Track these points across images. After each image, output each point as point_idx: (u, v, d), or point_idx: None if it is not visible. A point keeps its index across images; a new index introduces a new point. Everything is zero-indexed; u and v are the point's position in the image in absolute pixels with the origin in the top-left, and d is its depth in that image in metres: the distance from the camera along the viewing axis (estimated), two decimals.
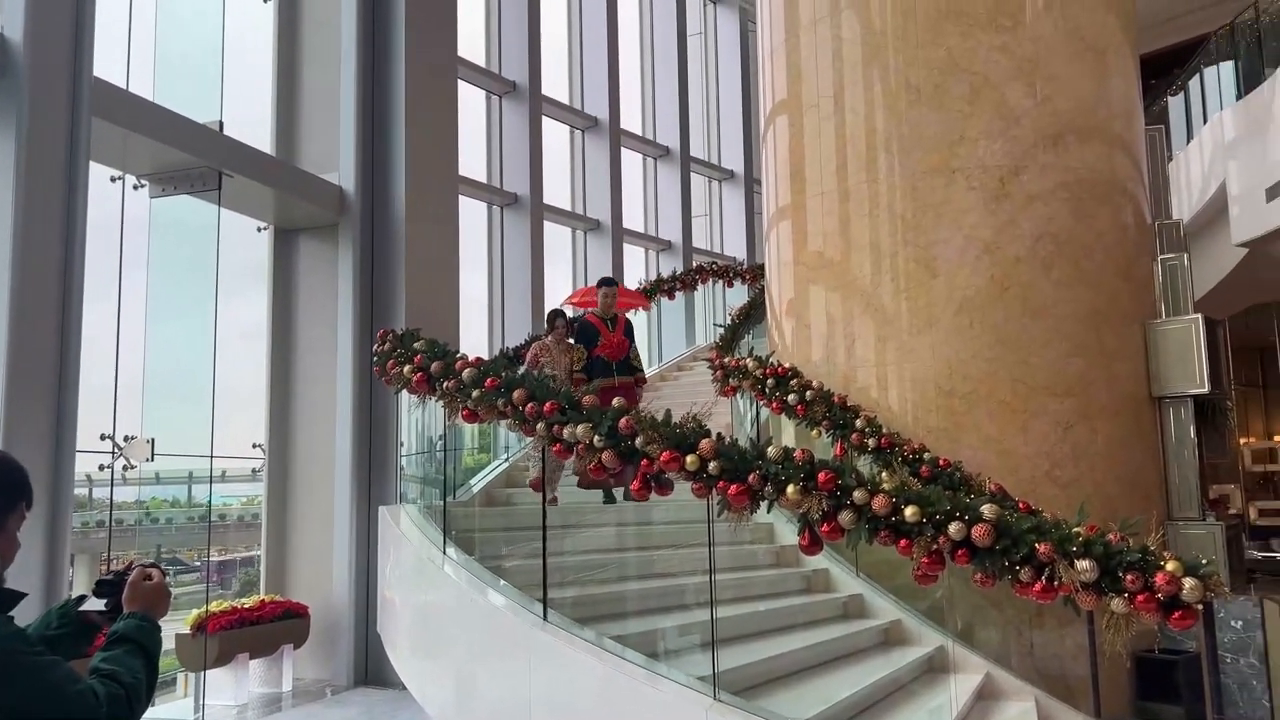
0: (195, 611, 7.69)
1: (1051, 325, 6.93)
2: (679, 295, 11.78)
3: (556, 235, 12.09)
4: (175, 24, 8.68)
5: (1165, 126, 13.37)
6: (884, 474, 4.91)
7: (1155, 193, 7.94)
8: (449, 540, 5.67)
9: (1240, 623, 6.44)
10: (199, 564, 8.98)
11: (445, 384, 5.05)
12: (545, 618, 4.66)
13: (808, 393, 7.08)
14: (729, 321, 10.24)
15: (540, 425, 4.55)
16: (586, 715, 4.41)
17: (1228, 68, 11.94)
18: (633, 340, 8.22)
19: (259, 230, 9.13)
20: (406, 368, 5.37)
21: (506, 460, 8.12)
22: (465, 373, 4.94)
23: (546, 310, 9.04)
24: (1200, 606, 3.52)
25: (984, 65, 7.15)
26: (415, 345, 5.47)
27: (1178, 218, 8.03)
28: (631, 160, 13.40)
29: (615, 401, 4.49)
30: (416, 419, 6.62)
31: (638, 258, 13.34)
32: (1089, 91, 7.31)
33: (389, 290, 8.77)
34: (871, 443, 6.61)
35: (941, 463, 6.37)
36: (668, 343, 12.43)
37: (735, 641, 5.13)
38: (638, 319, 11.39)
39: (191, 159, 7.61)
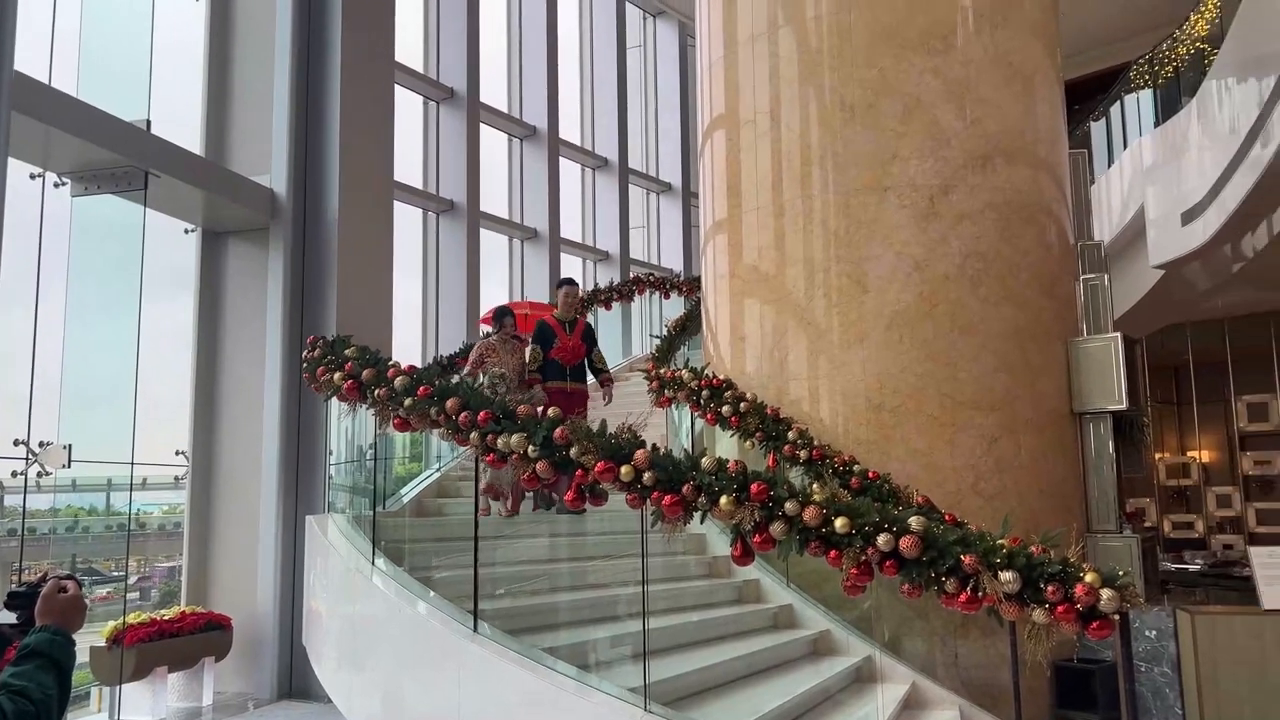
0: (112, 623, 7.44)
1: (978, 341, 7.10)
2: (616, 306, 11.79)
3: (493, 243, 12.03)
4: (101, 19, 8.45)
5: (1088, 151, 13.82)
6: (815, 486, 4.99)
7: (1078, 214, 8.19)
8: (378, 550, 5.58)
9: (1154, 632, 6.65)
10: (116, 574, 8.70)
11: (377, 392, 4.98)
12: (475, 629, 4.61)
13: (741, 405, 7.14)
14: (665, 333, 10.28)
15: (474, 435, 4.51)
16: None
17: (1147, 96, 12.40)
18: (594, 343, 8.00)
19: (186, 232, 8.92)
20: (337, 375, 5.28)
21: (438, 470, 8.02)
22: (397, 380, 4.88)
23: (484, 312, 8.96)
24: (1117, 617, 3.63)
25: (916, 86, 7.31)
26: (346, 352, 5.38)
27: (1099, 239, 8.27)
28: (570, 170, 13.41)
29: (550, 411, 4.48)
30: (346, 427, 6.51)
31: (575, 267, 13.32)
32: (1016, 115, 7.52)
33: (320, 296, 8.62)
34: (803, 455, 6.70)
35: (871, 475, 6.47)
36: (605, 353, 12.43)
37: (667, 653, 5.14)
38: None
39: (116, 157, 7.40)
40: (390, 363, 5.16)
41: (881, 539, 3.80)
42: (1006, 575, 3.66)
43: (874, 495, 6.24)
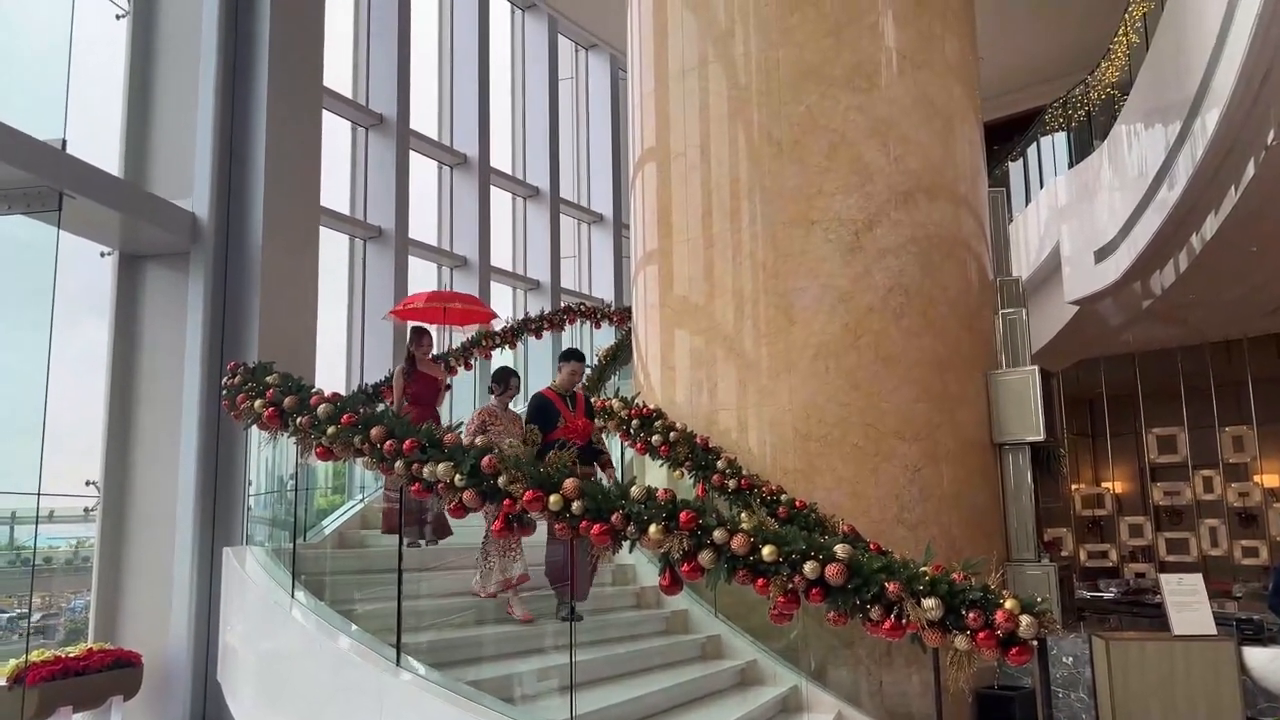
0: (14, 662, 7.09)
1: (901, 372, 7.25)
2: (546, 335, 11.73)
3: (421, 271, 11.90)
4: (15, 34, 8.20)
5: (1007, 189, 14.28)
6: (744, 514, 5.02)
7: (997, 250, 8.45)
8: (298, 583, 5.44)
9: (1071, 659, 6.81)
10: (20, 611, 8.30)
11: (299, 420, 4.87)
12: (398, 662, 4.50)
13: (671, 434, 7.17)
14: (596, 362, 10.27)
15: (399, 464, 4.43)
16: None
17: (1062, 138, 12.88)
18: (594, 418, 6.87)
19: (103, 255, 8.65)
20: (258, 402, 5.16)
21: (361, 501, 7.86)
22: (320, 408, 4.78)
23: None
24: (1035, 643, 3.70)
25: (842, 123, 7.49)
26: (268, 379, 5.26)
27: (1017, 275, 8.54)
28: (501, 199, 13.36)
29: (479, 440, 4.43)
30: (266, 457, 6.35)
31: (506, 296, 13.25)
32: (938, 153, 7.75)
33: (242, 322, 8.43)
34: (732, 484, 6.74)
35: (798, 504, 6.53)
36: (534, 382, 12.35)
37: (595, 685, 5.08)
38: (504, 359, 11.31)
39: (29, 177, 7.15)
40: (313, 390, 5.06)
41: (808, 567, 3.82)
42: (929, 602, 3.71)
43: (801, 524, 6.30)
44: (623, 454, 7.97)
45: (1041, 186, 13.12)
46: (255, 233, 8.56)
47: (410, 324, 8.50)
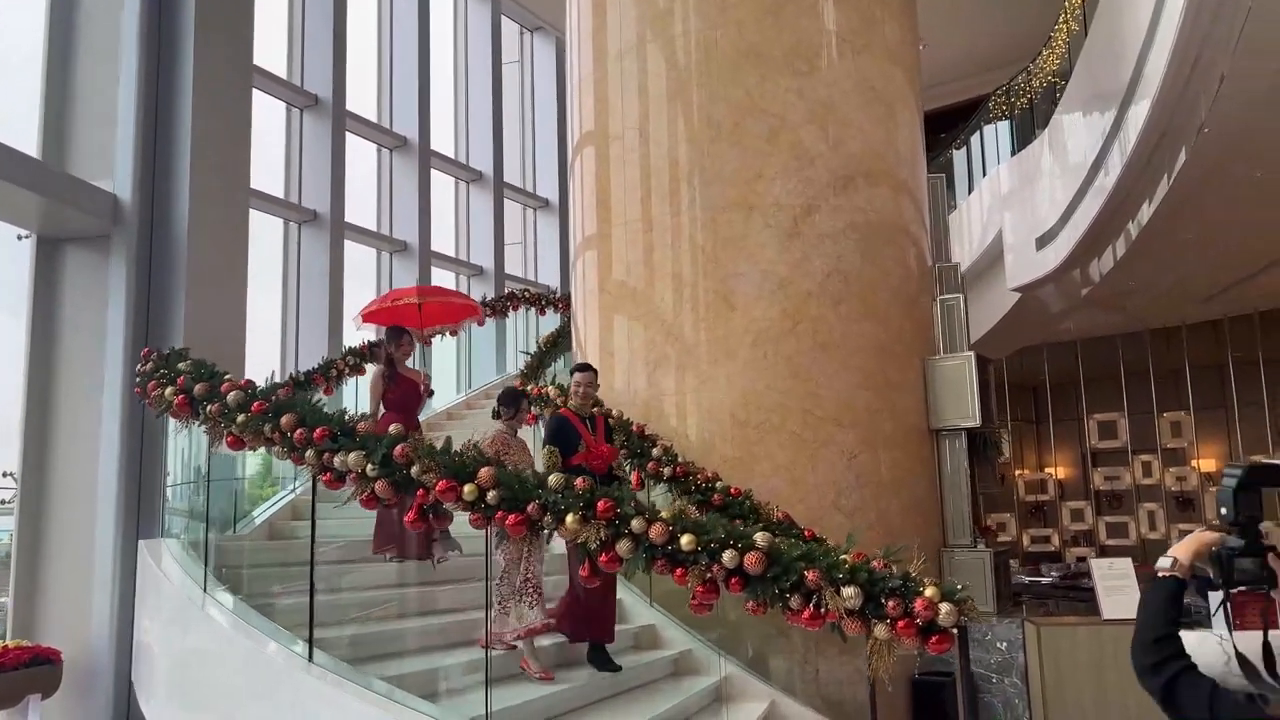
0: None
1: (840, 359, 7.20)
2: (490, 322, 11.57)
3: (360, 256, 11.64)
4: None
5: (950, 178, 14.36)
6: (679, 503, 4.94)
7: (936, 236, 8.43)
8: (215, 578, 5.26)
9: (1005, 644, 6.82)
10: None
11: (209, 408, 4.69)
12: (311, 659, 4.35)
13: (610, 419, 7.04)
14: (536, 349, 10.13)
15: (310, 453, 4.27)
16: None
17: (1005, 126, 12.95)
18: (613, 441, 6.21)
19: (19, 239, 8.31)
20: (169, 389, 4.96)
21: (293, 491, 7.66)
22: (231, 395, 4.60)
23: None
24: (955, 630, 3.65)
25: (781, 107, 7.41)
26: (180, 366, 5.06)
27: (956, 261, 8.54)
28: (442, 183, 13.11)
29: (392, 428, 4.27)
30: (183, 447, 6.14)
31: (448, 282, 13.01)
32: (878, 138, 7.70)
33: (167, 308, 8.15)
34: (667, 471, 6.65)
35: (733, 491, 6.46)
36: (478, 370, 12.19)
37: (521, 677, 4.97)
38: (446, 345, 11.11)
39: None
40: (225, 377, 4.87)
41: (726, 555, 3.74)
42: (848, 591, 3.65)
43: (735, 512, 6.23)
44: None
45: (985, 174, 13.20)
46: (180, 216, 8.28)
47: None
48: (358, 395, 9.72)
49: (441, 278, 12.67)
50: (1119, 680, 5.94)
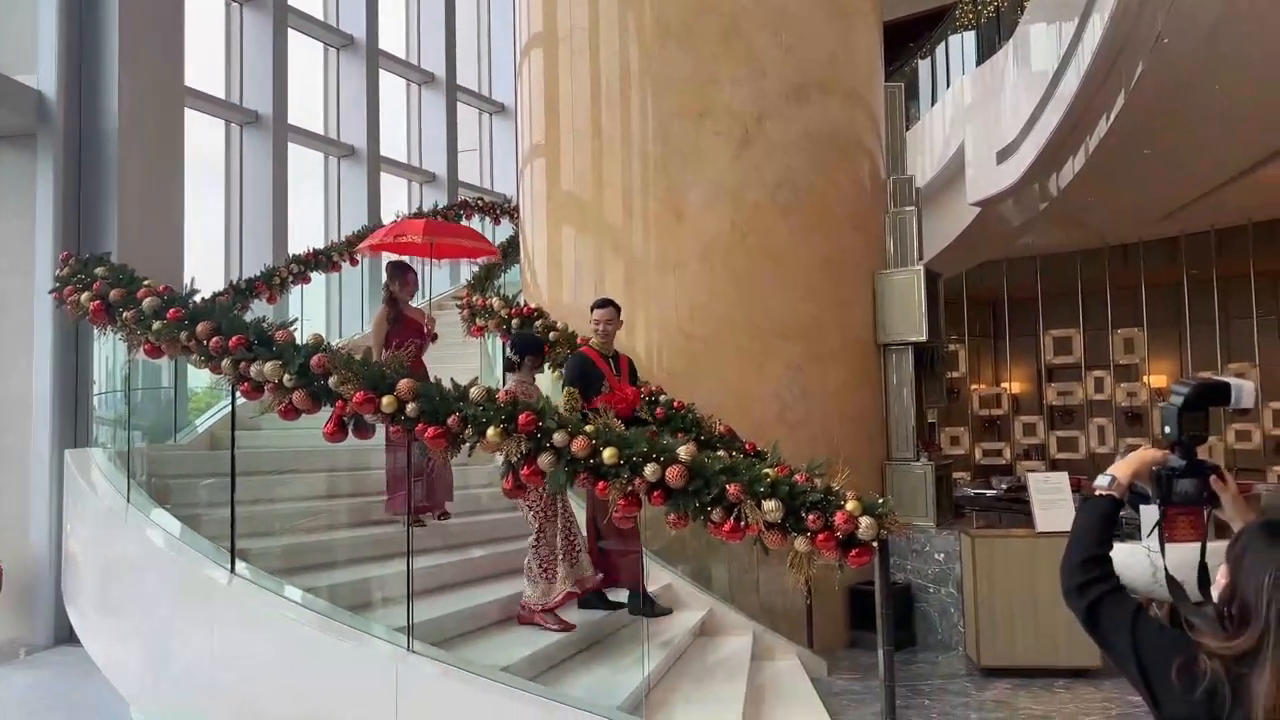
0: None
1: (788, 272, 7.11)
2: None
3: (305, 160, 11.28)
4: None
5: (915, 88, 14.10)
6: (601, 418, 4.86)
7: (892, 149, 8.27)
8: (143, 489, 5.16)
9: (943, 555, 6.93)
10: None
11: (124, 314, 4.52)
12: (233, 570, 4.30)
13: (551, 334, 6.93)
14: (485, 259, 9.92)
15: (226, 362, 4.15)
16: (272, 670, 4.13)
17: (971, 36, 12.66)
18: (637, 383, 5.90)
19: None
20: (84, 295, 4.77)
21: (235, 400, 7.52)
22: (146, 302, 4.44)
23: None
24: (876, 544, 3.65)
25: (734, 9, 7.15)
26: (97, 270, 4.87)
27: (912, 174, 8.39)
28: (392, 85, 12.67)
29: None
30: (110, 354, 5.97)
31: (399, 189, 12.68)
32: (833, 47, 7.47)
33: (98, 212, 7.86)
34: None
35: (676, 405, 6.41)
36: (429, 280, 11.96)
37: (449, 589, 4.97)
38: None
39: None
40: (144, 283, 4.70)
41: (649, 469, 3.70)
42: (769, 504, 3.63)
43: (678, 425, 6.20)
44: (504, 353, 7.73)
45: (949, 86, 12.95)
46: (110, 114, 7.94)
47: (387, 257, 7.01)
48: (303, 304, 9.56)
49: (391, 184, 12.35)
50: (1051, 591, 6.04)
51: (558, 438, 3.76)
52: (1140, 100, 7.88)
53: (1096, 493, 1.90)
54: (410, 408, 3.84)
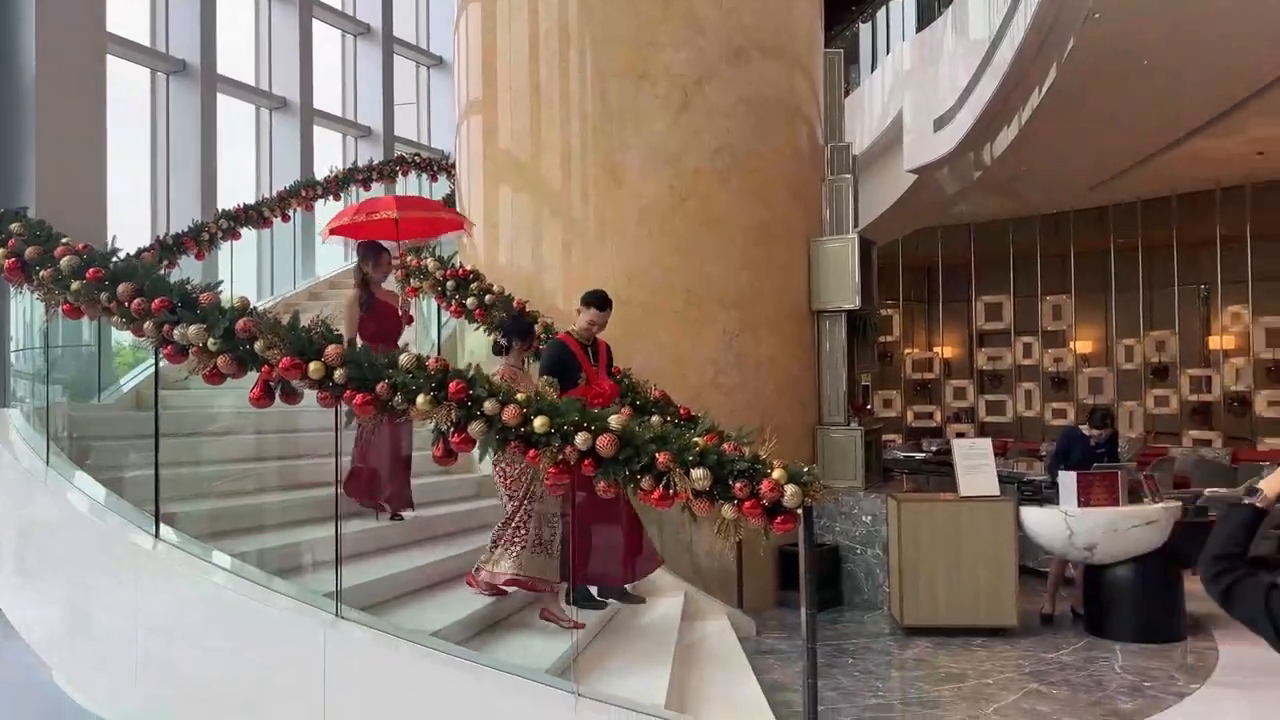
0: None
1: (725, 237, 7.14)
2: (377, 187, 11.11)
3: (235, 111, 10.95)
4: None
5: (855, 54, 14.16)
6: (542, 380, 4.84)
7: (831, 116, 8.31)
8: (64, 449, 5.04)
9: (870, 517, 7.10)
10: None
11: (41, 273, 4.38)
12: (157, 534, 4.24)
13: (487, 296, 6.90)
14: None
15: (148, 324, 4.05)
16: (198, 636, 4.10)
17: (911, 1, 12.71)
18: (612, 368, 5.75)
19: None
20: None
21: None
22: (64, 260, 4.30)
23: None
24: (800, 511, 3.72)
25: None
26: (12, 227, 4.69)
27: (849, 141, 8.45)
28: (326, 35, 12.32)
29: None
30: (24, 309, 5.79)
31: (332, 143, 12.39)
32: (773, 9, 7.46)
33: (15, 164, 7.58)
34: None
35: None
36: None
37: (383, 553, 4.97)
38: (329, 210, 10.65)
39: None
40: (62, 240, 4.55)
41: (579, 438, 3.72)
42: (698, 473, 3.68)
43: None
44: (439, 316, 7.68)
45: (889, 52, 13.02)
46: (26, 62, 7.62)
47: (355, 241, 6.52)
48: (233, 261, 9.35)
49: (325, 138, 12.06)
50: (972, 550, 6.27)
51: (488, 406, 3.76)
52: (1071, 73, 8.02)
53: (1244, 501, 2.09)
54: (339, 374, 3.80)
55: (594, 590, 5.18)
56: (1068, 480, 6.21)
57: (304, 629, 3.87)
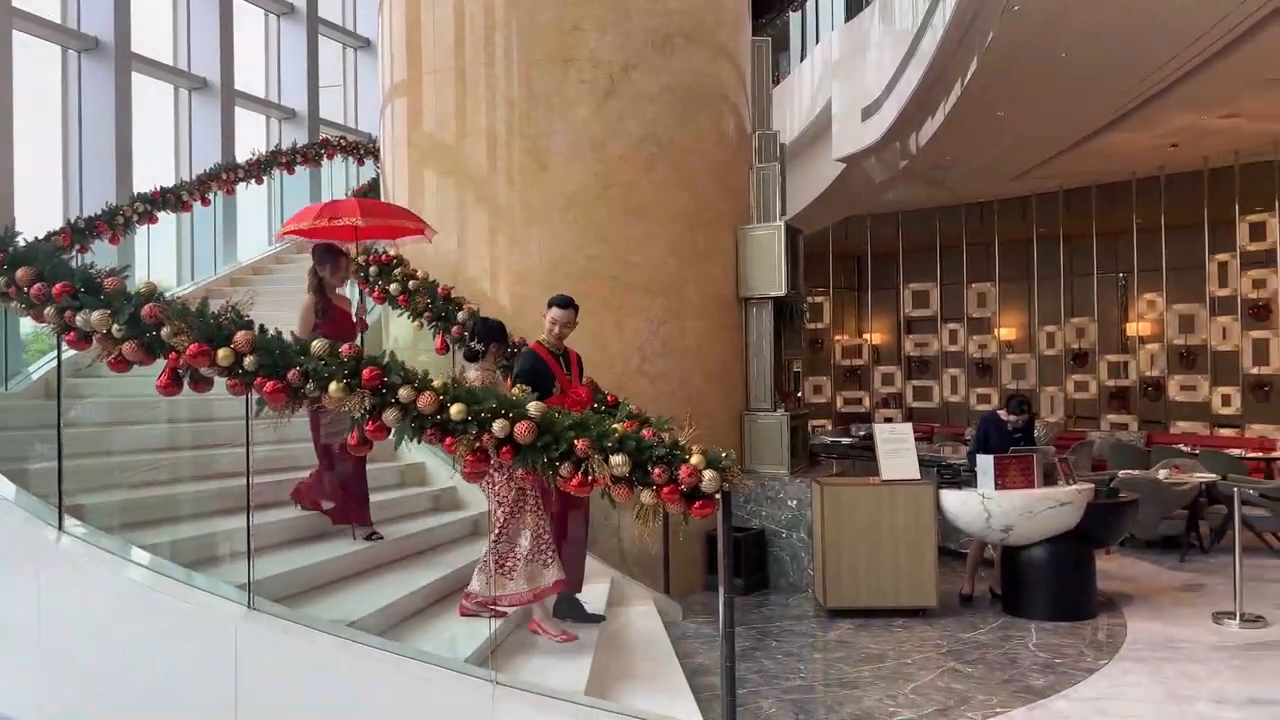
0: None
1: (650, 225, 7.14)
2: (301, 171, 10.89)
3: (152, 91, 10.61)
4: None
5: (785, 43, 14.25)
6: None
7: (758, 103, 8.35)
8: None
9: (795, 502, 7.18)
10: None
11: None
12: (61, 526, 4.11)
13: (411, 282, 6.81)
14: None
15: (49, 310, 3.91)
16: (107, 631, 3.98)
17: None
18: (582, 379, 5.56)
19: None
20: None
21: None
22: None
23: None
24: (719, 496, 3.75)
25: None
26: None
27: (777, 129, 8.50)
28: (248, 14, 12.00)
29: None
30: None
31: (255, 125, 12.09)
32: None
33: None
34: None
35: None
36: (285, 224, 11.52)
37: (304, 542, 4.89)
38: (253, 193, 10.40)
39: None
40: None
41: (497, 425, 3.69)
42: (617, 459, 3.68)
43: None
44: (362, 301, 7.54)
45: (818, 42, 13.13)
46: None
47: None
48: (150, 247, 9.10)
49: (247, 119, 11.76)
50: (893, 533, 6.38)
51: (403, 393, 3.71)
52: (992, 64, 8.18)
53: None
54: (249, 361, 3.71)
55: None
56: (985, 464, 6.35)
57: (216, 622, 3.79)
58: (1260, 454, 10.60)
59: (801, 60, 13.69)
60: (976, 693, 4.84)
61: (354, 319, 5.58)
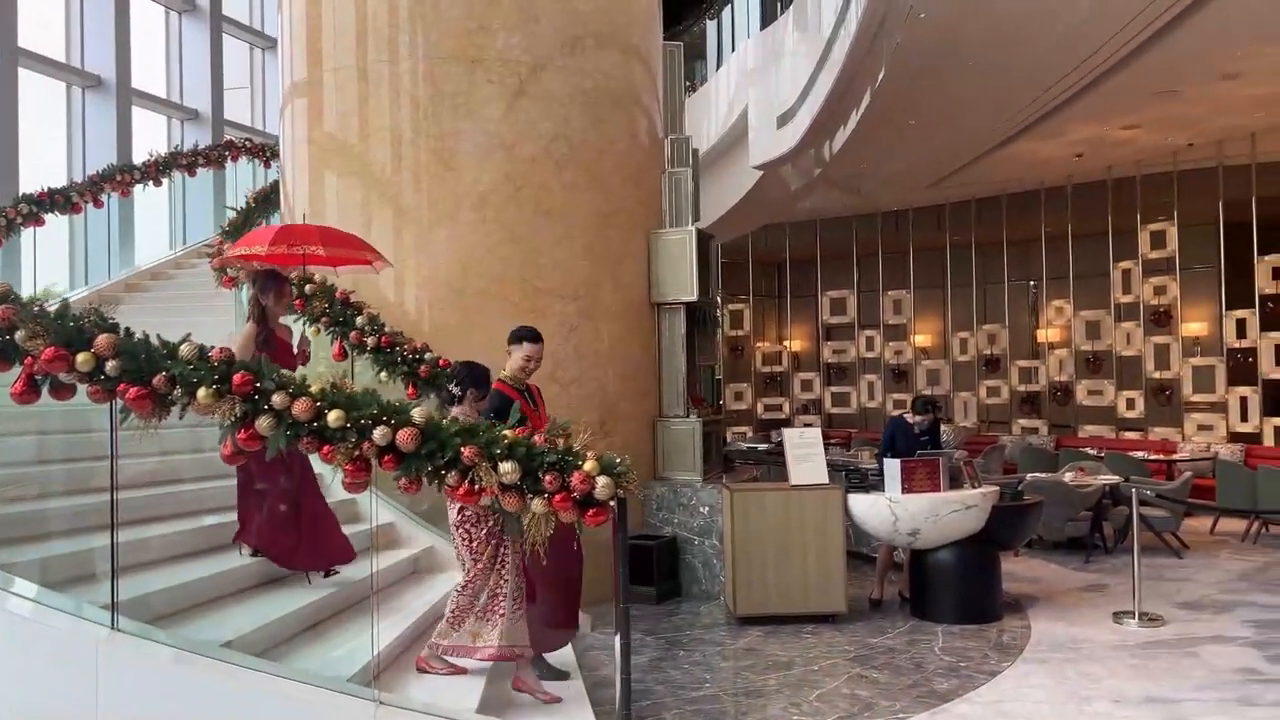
0: None
1: (562, 227, 7.02)
2: (204, 173, 10.51)
3: (41, 90, 10.13)
4: None
5: (703, 50, 14.29)
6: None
7: (670, 107, 8.30)
8: None
9: (707, 508, 7.11)
10: None
11: None
12: None
13: (308, 286, 6.56)
14: (244, 205, 9.30)
15: None
16: None
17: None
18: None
19: None
20: None
21: None
22: None
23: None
24: (613, 504, 3.64)
25: None
26: None
27: (689, 134, 8.45)
28: (147, 10, 11.57)
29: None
30: None
31: (155, 125, 11.64)
32: None
33: None
34: (371, 341, 6.31)
35: (441, 363, 6.23)
36: (192, 225, 11.12)
37: (180, 560, 4.63)
38: (154, 196, 10.00)
39: None
40: None
41: (378, 433, 3.52)
42: (505, 466, 3.54)
43: (443, 383, 6.01)
44: (304, 331, 7.25)
45: (734, 49, 13.17)
46: None
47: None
48: (36, 249, 8.68)
49: (146, 120, 11.32)
50: (802, 537, 6.34)
51: (277, 399, 3.51)
52: (900, 71, 8.25)
53: None
54: (111, 365, 3.48)
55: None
56: (892, 468, 6.36)
57: (75, 645, 3.54)
58: (1162, 456, 10.90)
59: (718, 68, 13.73)
60: (880, 699, 4.80)
61: (295, 351, 5.24)
